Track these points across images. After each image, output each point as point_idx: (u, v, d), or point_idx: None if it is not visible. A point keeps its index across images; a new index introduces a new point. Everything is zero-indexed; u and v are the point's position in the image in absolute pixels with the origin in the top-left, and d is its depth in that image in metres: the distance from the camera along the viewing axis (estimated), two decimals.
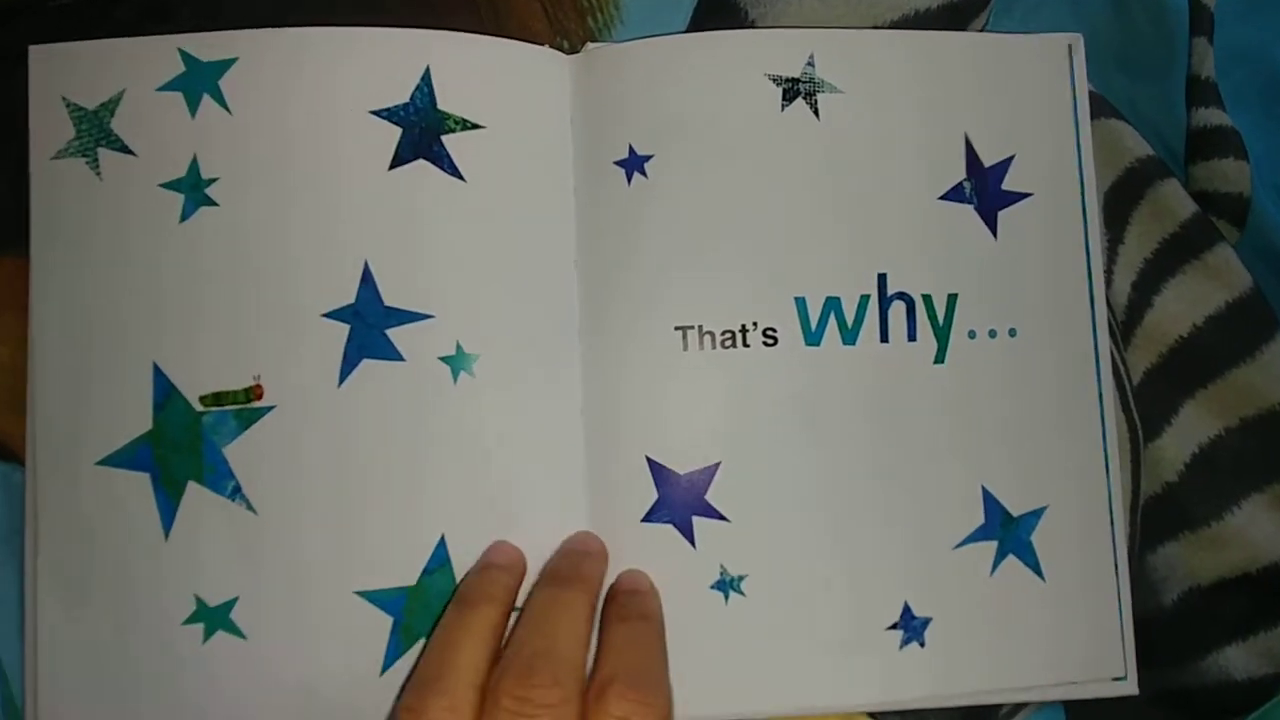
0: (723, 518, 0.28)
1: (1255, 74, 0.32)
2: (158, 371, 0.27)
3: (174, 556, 0.26)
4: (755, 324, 0.28)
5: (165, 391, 0.27)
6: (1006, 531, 0.29)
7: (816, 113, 0.29)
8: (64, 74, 0.27)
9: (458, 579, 0.27)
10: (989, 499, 0.28)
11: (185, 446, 0.27)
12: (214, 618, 0.26)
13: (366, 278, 0.27)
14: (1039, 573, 0.29)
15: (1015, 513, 0.29)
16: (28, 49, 0.27)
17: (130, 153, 0.27)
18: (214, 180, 0.27)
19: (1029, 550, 0.29)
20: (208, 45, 0.27)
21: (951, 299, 0.29)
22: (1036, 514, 0.29)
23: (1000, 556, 0.28)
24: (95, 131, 0.27)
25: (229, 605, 0.26)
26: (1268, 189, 0.32)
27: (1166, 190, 0.31)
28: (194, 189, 0.27)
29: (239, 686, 0.26)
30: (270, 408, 0.27)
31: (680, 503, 0.27)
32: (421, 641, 0.26)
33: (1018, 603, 0.28)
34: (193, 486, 0.27)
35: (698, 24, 0.31)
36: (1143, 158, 0.31)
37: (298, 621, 0.26)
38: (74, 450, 0.27)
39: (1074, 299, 0.30)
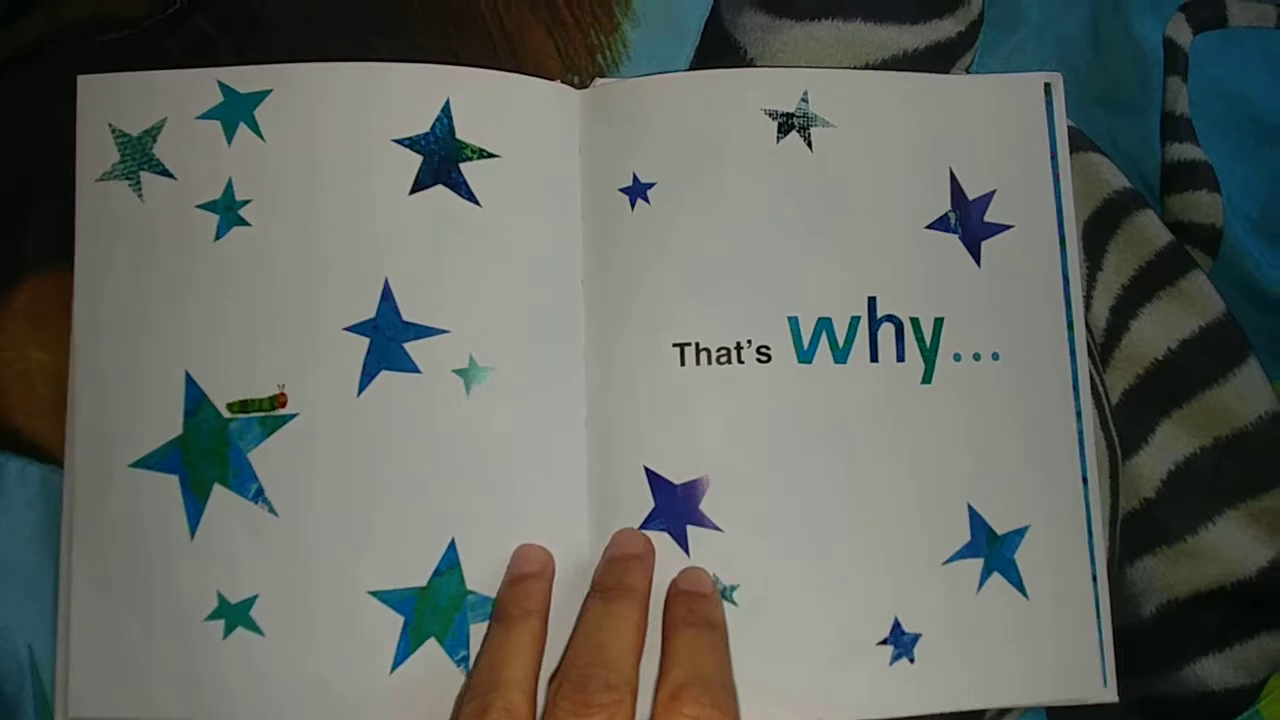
0: (716, 528, 0.28)
1: (1228, 111, 0.34)
2: (189, 380, 0.28)
3: (199, 555, 0.28)
4: (750, 341, 0.29)
5: (196, 399, 0.28)
6: (992, 549, 0.29)
7: (810, 145, 0.30)
8: (110, 102, 0.29)
9: (466, 581, 0.28)
10: (975, 517, 0.29)
11: (213, 451, 0.28)
12: (234, 614, 0.27)
13: (386, 294, 0.28)
14: (1023, 590, 0.29)
15: (1000, 531, 0.29)
16: (76, 79, 0.29)
17: (170, 176, 0.29)
18: (247, 202, 0.29)
19: (1013, 568, 0.29)
20: (245, 78, 0.29)
21: (938, 322, 0.30)
22: (1019, 533, 0.29)
23: (986, 574, 0.29)
24: (138, 156, 0.29)
25: (249, 603, 0.27)
26: (1240, 219, 0.33)
27: (1142, 220, 0.32)
28: (228, 210, 0.29)
29: (255, 681, 0.27)
30: (293, 415, 0.28)
31: (675, 512, 0.28)
32: (431, 640, 0.27)
33: (1003, 620, 0.29)
34: (218, 489, 0.28)
35: (700, 61, 0.32)
36: (1120, 189, 0.32)
37: (313, 619, 0.27)
38: (109, 453, 0.28)
39: (1053, 327, 0.30)
